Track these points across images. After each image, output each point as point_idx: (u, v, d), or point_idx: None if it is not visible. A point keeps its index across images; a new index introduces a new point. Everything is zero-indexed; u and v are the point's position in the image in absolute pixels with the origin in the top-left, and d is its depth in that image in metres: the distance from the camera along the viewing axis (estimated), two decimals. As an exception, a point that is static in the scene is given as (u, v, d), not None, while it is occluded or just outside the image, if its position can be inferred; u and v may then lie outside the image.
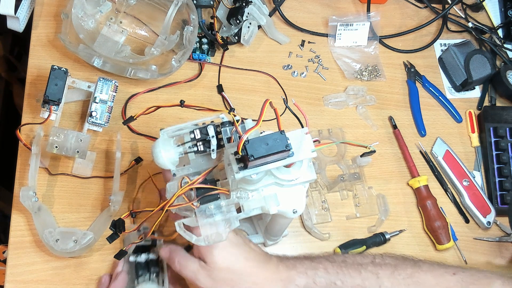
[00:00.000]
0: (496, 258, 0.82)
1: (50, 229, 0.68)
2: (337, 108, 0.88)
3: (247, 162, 0.49)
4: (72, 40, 0.79)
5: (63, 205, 0.73)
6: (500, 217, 0.84)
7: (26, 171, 0.70)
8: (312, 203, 0.79)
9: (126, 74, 0.78)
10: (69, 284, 0.69)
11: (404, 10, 1.01)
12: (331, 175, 0.82)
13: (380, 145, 0.86)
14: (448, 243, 0.79)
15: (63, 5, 0.83)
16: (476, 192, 0.84)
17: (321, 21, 0.96)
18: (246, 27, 0.87)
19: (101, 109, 0.74)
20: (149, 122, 0.80)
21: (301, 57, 0.92)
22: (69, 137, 0.71)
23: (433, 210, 0.81)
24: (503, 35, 1.01)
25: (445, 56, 0.96)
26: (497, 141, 0.88)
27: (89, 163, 0.75)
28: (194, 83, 0.85)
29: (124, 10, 0.84)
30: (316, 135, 0.85)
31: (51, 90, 0.71)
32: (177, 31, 0.82)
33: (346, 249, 0.76)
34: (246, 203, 0.54)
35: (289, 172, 0.54)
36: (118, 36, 0.82)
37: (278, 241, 0.75)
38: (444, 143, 0.87)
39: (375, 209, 0.81)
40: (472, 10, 1.02)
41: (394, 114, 0.89)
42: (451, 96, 0.94)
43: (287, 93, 0.87)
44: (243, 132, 0.49)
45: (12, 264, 0.69)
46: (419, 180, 0.83)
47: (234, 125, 0.53)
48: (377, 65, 0.93)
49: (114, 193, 0.71)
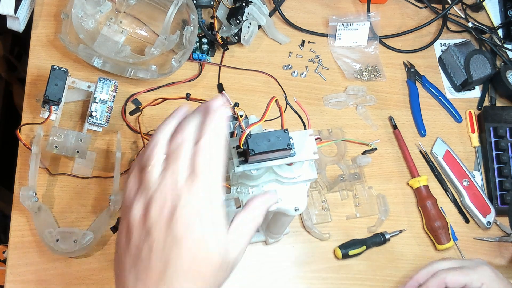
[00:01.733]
0: (496, 258, 0.82)
1: (50, 229, 0.68)
2: (337, 108, 0.88)
3: (247, 156, 0.49)
4: (72, 40, 0.79)
5: (63, 205, 0.73)
6: (500, 217, 0.84)
7: (26, 171, 0.70)
8: (312, 203, 0.79)
9: (126, 74, 0.78)
10: (69, 284, 0.69)
11: (404, 10, 1.01)
12: (331, 175, 0.82)
13: (380, 145, 0.86)
14: (448, 243, 0.79)
15: (63, 5, 0.83)
16: (476, 192, 0.84)
17: (321, 21, 0.96)
18: (246, 27, 0.87)
19: (101, 109, 0.74)
20: (150, 122, 0.80)
21: (301, 57, 0.92)
22: (69, 137, 0.71)
23: (433, 210, 0.81)
24: (503, 35, 1.01)
25: (445, 56, 0.96)
26: (497, 141, 0.88)
27: (89, 163, 0.75)
28: (194, 83, 0.85)
29: (124, 10, 0.84)
30: (316, 134, 0.84)
31: (51, 90, 0.71)
32: (177, 31, 0.82)
33: (346, 249, 0.76)
34: (246, 198, 0.54)
35: (290, 170, 0.54)
36: (118, 36, 0.82)
37: (279, 239, 0.75)
38: (444, 143, 0.87)
39: (375, 209, 0.81)
40: (472, 10, 1.02)
41: (394, 114, 0.89)
42: (451, 96, 0.94)
43: (287, 93, 0.88)
44: (246, 127, 0.49)
45: (12, 264, 0.69)
46: (419, 180, 0.83)
47: (237, 119, 0.54)
48: (377, 65, 0.93)
49: (114, 193, 0.71)
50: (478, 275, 0.66)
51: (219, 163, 0.44)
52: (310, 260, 0.76)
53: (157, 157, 0.45)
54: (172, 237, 0.41)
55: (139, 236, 0.43)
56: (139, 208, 0.43)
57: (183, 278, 0.42)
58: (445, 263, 0.69)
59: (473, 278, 0.65)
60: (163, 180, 0.43)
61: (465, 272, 0.66)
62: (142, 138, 0.75)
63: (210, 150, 0.44)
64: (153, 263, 0.42)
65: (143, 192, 0.44)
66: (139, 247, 0.42)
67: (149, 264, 0.42)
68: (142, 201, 0.43)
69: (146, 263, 0.42)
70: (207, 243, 0.42)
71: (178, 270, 0.41)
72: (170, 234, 0.41)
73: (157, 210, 0.42)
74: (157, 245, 0.42)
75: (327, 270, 0.76)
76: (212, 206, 0.43)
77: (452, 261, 0.70)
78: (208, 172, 0.43)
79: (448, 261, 0.70)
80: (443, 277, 0.66)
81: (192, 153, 0.44)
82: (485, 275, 0.66)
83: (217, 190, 0.44)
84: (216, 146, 0.44)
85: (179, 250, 0.41)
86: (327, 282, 0.76)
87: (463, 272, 0.66)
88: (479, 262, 0.69)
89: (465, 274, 0.66)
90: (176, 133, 0.46)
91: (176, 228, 0.41)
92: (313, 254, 0.77)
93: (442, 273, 0.67)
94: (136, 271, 0.42)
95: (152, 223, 0.42)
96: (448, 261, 0.70)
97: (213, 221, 0.43)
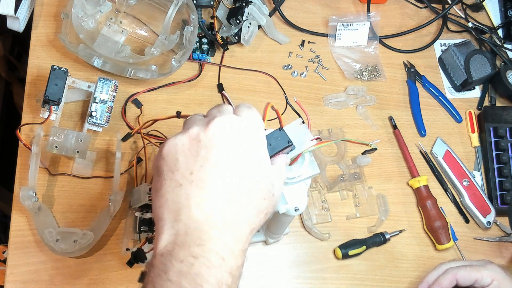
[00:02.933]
0: (496, 258, 0.82)
1: (50, 229, 0.68)
2: (337, 108, 0.88)
3: None
4: (72, 40, 0.78)
5: (63, 205, 0.73)
6: (500, 217, 0.84)
7: (26, 171, 0.70)
8: (312, 203, 0.79)
9: (126, 74, 0.78)
10: (69, 284, 0.69)
11: (404, 10, 1.01)
12: (331, 175, 0.82)
13: (380, 145, 0.86)
14: (448, 243, 0.79)
15: (63, 5, 0.83)
16: (476, 192, 0.84)
17: (321, 21, 0.96)
18: (246, 27, 0.87)
19: (101, 109, 0.74)
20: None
21: (301, 57, 0.92)
22: (69, 137, 0.71)
23: (433, 210, 0.81)
24: (503, 35, 1.01)
25: (445, 56, 0.96)
26: (497, 141, 0.88)
27: (89, 163, 0.75)
28: (194, 83, 0.85)
29: (124, 10, 0.84)
30: (316, 134, 0.85)
31: (51, 90, 0.71)
32: (177, 31, 0.82)
33: (346, 249, 0.76)
34: None
35: (290, 170, 0.54)
36: (118, 36, 0.82)
37: (279, 239, 0.75)
38: (444, 143, 0.87)
39: (375, 209, 0.81)
40: (472, 10, 1.02)
41: (394, 114, 0.89)
42: (451, 96, 0.94)
43: (287, 93, 0.87)
44: None
45: (12, 264, 0.68)
46: (419, 180, 0.83)
47: None
48: (377, 65, 0.93)
49: (114, 193, 0.71)
50: (488, 271, 0.66)
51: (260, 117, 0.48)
52: (310, 260, 0.76)
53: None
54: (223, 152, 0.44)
55: (197, 145, 0.44)
56: (198, 128, 0.44)
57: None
58: (453, 263, 0.70)
59: (483, 274, 0.66)
60: (217, 114, 0.45)
61: (476, 268, 0.67)
62: (142, 138, 0.75)
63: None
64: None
65: (201, 120, 0.46)
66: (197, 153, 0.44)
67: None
68: (202, 124, 0.45)
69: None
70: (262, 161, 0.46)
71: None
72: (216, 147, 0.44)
73: (221, 126, 0.44)
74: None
75: (327, 270, 0.76)
76: (260, 136, 0.47)
77: (460, 261, 0.71)
78: (253, 113, 0.47)
79: (457, 262, 0.71)
80: (454, 273, 0.67)
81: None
82: (496, 271, 0.67)
83: (262, 128, 0.47)
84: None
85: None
86: (327, 282, 0.76)
87: (474, 268, 0.67)
88: (486, 261, 0.70)
89: (476, 270, 0.67)
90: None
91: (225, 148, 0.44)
92: (313, 254, 0.77)
93: (453, 270, 0.67)
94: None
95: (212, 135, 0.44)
96: (456, 261, 0.71)
97: (263, 151, 0.47)
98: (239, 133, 0.45)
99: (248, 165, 0.45)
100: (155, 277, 0.41)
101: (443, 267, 0.69)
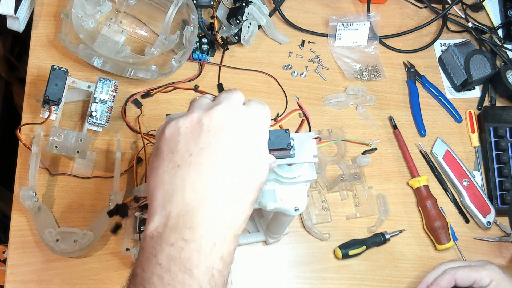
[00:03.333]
0: (496, 258, 0.82)
1: (50, 229, 0.68)
2: (337, 108, 0.88)
3: None
4: (72, 40, 0.78)
5: (63, 205, 0.73)
6: (500, 217, 0.84)
7: (26, 171, 0.70)
8: (312, 203, 0.79)
9: (126, 74, 0.78)
10: (69, 284, 0.69)
11: (404, 10, 1.01)
12: (331, 175, 0.82)
13: (380, 145, 0.86)
14: (448, 243, 0.79)
15: (63, 5, 0.83)
16: (476, 192, 0.84)
17: (321, 21, 0.96)
18: (246, 27, 0.87)
19: (101, 109, 0.74)
20: (150, 122, 0.80)
21: (301, 57, 0.92)
22: (69, 137, 0.71)
23: (433, 210, 0.81)
24: (503, 35, 1.01)
25: (445, 56, 0.96)
26: (497, 141, 0.88)
27: (89, 163, 0.75)
28: (194, 83, 0.85)
29: (124, 10, 0.84)
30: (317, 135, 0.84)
31: (51, 90, 0.71)
32: (177, 31, 0.82)
33: (346, 249, 0.76)
34: None
35: (290, 170, 0.54)
36: (118, 36, 0.82)
37: (279, 239, 0.75)
38: (444, 143, 0.87)
39: (375, 209, 0.81)
40: (472, 10, 1.02)
41: (394, 114, 0.89)
42: (451, 96, 0.94)
43: (287, 93, 0.87)
44: None
45: (12, 264, 0.68)
46: (419, 180, 0.83)
47: None
48: (377, 65, 0.93)
49: (114, 193, 0.71)
50: (487, 272, 0.66)
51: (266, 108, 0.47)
52: (310, 260, 0.76)
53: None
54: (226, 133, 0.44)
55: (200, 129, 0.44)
56: (202, 112, 0.44)
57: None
58: (452, 263, 0.70)
59: (482, 275, 0.66)
60: (224, 100, 0.45)
61: (475, 268, 0.67)
62: (142, 138, 0.75)
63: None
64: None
65: (208, 104, 0.46)
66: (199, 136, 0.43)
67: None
68: (207, 107, 0.45)
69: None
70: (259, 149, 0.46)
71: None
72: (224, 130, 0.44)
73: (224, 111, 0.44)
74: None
75: (327, 270, 0.76)
76: (264, 131, 0.46)
77: (459, 262, 0.71)
78: (263, 109, 0.47)
79: (456, 262, 0.71)
80: (453, 273, 0.67)
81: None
82: (495, 272, 0.66)
83: (268, 124, 0.47)
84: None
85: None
86: (327, 282, 0.76)
87: (473, 268, 0.67)
88: (485, 261, 0.70)
89: (474, 270, 0.67)
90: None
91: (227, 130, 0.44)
92: (313, 254, 0.77)
93: (452, 270, 0.67)
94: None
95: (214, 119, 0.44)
96: (455, 262, 0.71)
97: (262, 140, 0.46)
98: (244, 124, 0.45)
99: (248, 158, 0.44)
100: (145, 261, 0.40)
101: (442, 268, 0.69)
